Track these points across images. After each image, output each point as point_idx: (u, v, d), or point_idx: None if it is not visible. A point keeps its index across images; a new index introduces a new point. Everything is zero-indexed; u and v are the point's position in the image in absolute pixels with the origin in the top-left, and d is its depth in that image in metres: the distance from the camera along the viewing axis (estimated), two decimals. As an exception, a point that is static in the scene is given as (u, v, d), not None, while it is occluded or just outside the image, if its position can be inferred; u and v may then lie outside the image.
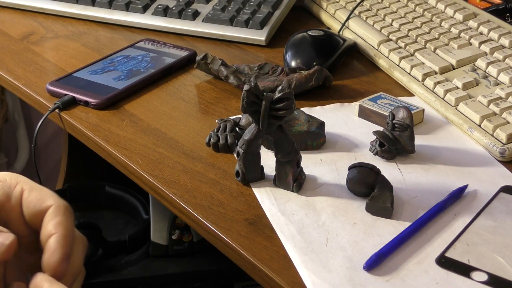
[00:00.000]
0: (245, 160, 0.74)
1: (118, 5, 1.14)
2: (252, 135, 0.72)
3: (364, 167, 0.73)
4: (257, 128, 0.71)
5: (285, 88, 0.70)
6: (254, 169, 0.75)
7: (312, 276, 0.63)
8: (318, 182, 0.75)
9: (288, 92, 0.69)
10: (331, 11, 1.14)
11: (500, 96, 0.87)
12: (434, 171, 0.78)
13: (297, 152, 0.73)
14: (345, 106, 0.91)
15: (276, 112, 0.70)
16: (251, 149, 0.73)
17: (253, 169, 0.75)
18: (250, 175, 0.75)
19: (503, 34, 0.99)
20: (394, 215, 0.70)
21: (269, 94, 0.70)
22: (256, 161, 0.75)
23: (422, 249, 0.66)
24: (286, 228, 0.69)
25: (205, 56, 0.96)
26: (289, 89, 0.70)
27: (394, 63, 0.98)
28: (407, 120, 0.80)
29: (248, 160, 0.74)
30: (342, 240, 0.67)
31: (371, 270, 0.63)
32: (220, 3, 1.13)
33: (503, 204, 0.72)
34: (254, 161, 0.75)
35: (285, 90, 0.69)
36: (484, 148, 0.82)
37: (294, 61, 0.99)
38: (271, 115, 0.70)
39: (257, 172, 0.75)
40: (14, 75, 0.99)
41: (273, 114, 0.70)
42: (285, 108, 0.69)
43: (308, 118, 0.81)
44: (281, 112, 0.69)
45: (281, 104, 0.69)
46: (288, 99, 0.69)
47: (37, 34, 1.11)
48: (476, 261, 0.64)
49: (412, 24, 1.05)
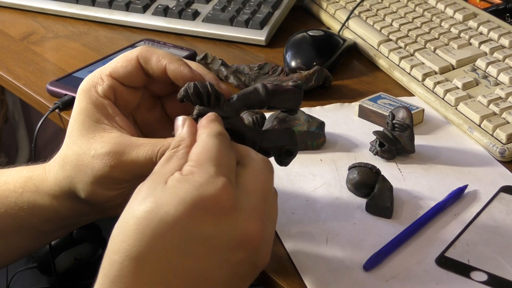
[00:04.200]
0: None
1: (118, 5, 1.14)
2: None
3: (364, 167, 0.73)
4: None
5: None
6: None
7: (312, 276, 0.63)
8: (318, 182, 0.75)
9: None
10: (331, 11, 1.14)
11: (500, 96, 0.87)
12: (434, 171, 0.78)
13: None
14: (345, 106, 0.91)
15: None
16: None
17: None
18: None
19: (503, 34, 0.99)
20: (394, 215, 0.70)
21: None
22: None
23: (422, 249, 0.66)
24: (286, 227, 0.69)
25: (205, 56, 0.96)
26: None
27: (394, 63, 0.98)
28: (407, 120, 0.80)
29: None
30: (342, 240, 0.67)
31: (371, 270, 0.63)
32: (220, 3, 1.13)
33: (503, 204, 0.72)
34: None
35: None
36: (484, 148, 0.82)
37: (294, 61, 0.99)
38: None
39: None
40: (14, 75, 0.99)
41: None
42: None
43: (308, 118, 0.81)
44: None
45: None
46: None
47: (37, 34, 1.11)
48: (476, 261, 0.64)
49: (412, 24, 1.05)
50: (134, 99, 0.65)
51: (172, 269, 0.49)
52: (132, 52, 0.63)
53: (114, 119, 0.62)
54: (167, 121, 0.67)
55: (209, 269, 0.51)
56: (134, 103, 0.65)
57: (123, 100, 0.64)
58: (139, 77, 0.63)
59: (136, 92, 0.65)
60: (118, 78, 0.63)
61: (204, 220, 0.50)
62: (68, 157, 0.61)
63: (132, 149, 0.58)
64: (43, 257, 1.41)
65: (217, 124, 0.56)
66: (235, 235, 0.51)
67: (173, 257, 0.49)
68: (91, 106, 0.61)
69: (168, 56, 0.62)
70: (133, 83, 0.64)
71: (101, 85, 0.62)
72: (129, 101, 0.64)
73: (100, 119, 0.61)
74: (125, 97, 0.64)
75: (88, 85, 0.63)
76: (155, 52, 0.63)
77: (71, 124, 0.62)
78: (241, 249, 0.51)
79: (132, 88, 0.64)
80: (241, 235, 0.51)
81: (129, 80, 0.63)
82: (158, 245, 0.49)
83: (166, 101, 0.67)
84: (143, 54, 0.63)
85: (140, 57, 0.63)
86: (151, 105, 0.67)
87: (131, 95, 0.64)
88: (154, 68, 0.62)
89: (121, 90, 0.63)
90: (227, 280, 0.52)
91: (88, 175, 0.60)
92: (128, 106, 0.65)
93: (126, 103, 0.64)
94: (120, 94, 0.63)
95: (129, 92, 0.64)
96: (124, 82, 0.63)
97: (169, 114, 0.67)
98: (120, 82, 0.63)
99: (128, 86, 0.64)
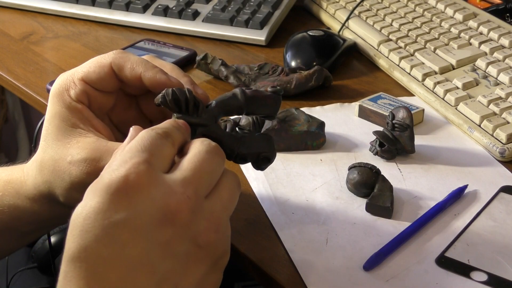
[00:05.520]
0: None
1: (118, 5, 1.14)
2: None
3: (364, 167, 0.73)
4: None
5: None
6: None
7: (312, 276, 0.63)
8: (318, 182, 0.75)
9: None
10: (331, 11, 1.14)
11: (500, 96, 0.87)
12: (434, 171, 0.78)
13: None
14: (345, 106, 0.91)
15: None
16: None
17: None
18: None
19: (503, 34, 0.99)
20: (394, 215, 0.70)
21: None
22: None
23: (422, 249, 0.66)
24: (286, 227, 0.69)
25: (205, 56, 0.96)
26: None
27: (394, 63, 0.98)
28: (407, 120, 0.80)
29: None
30: (342, 240, 0.67)
31: (371, 270, 0.63)
32: (220, 3, 1.13)
33: (503, 204, 0.72)
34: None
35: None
36: (484, 148, 0.82)
37: (294, 61, 0.99)
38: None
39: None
40: (14, 75, 0.99)
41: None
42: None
43: (308, 118, 0.81)
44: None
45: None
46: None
47: (37, 34, 1.11)
48: (476, 261, 0.64)
49: (412, 24, 1.05)
50: (108, 101, 0.64)
51: (105, 262, 0.48)
52: (105, 58, 0.62)
53: (89, 123, 0.61)
54: (143, 120, 0.66)
55: (143, 255, 0.48)
56: (108, 105, 0.64)
57: (97, 103, 0.63)
58: (112, 83, 0.62)
59: (110, 95, 0.64)
60: (90, 83, 0.62)
61: (119, 204, 0.48)
62: (45, 162, 0.61)
63: (108, 155, 0.57)
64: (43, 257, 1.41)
65: (167, 123, 0.55)
66: (154, 211, 0.49)
67: (103, 249, 0.48)
68: (65, 110, 0.61)
69: (143, 63, 0.61)
70: (106, 88, 0.63)
71: (73, 89, 0.61)
72: (103, 104, 0.64)
73: (76, 123, 0.60)
74: (99, 100, 0.63)
75: (61, 88, 0.62)
76: (129, 59, 0.61)
77: (46, 128, 0.61)
78: (167, 225, 0.49)
79: (105, 92, 0.63)
80: (162, 210, 0.49)
81: (101, 85, 0.62)
82: (86, 241, 0.48)
83: (141, 101, 0.66)
84: (116, 61, 0.61)
85: (114, 64, 0.61)
86: (126, 104, 0.66)
87: (105, 98, 0.63)
88: (128, 76, 0.61)
89: (94, 94, 0.62)
90: (172, 265, 0.50)
91: (65, 181, 0.59)
92: (102, 108, 0.64)
93: (101, 106, 0.63)
94: (94, 98, 0.62)
95: (102, 95, 0.63)
96: (96, 87, 0.62)
97: (145, 113, 0.66)
98: (92, 87, 0.62)
99: (101, 91, 0.63)
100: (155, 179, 0.49)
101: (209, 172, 0.52)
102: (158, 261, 0.49)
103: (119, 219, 0.48)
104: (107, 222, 0.48)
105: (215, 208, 0.52)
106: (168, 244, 0.49)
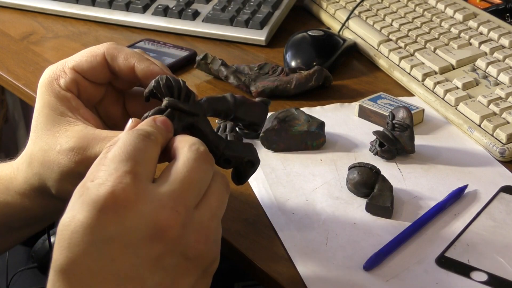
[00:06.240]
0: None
1: (118, 5, 1.14)
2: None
3: (364, 167, 0.73)
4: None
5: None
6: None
7: (312, 276, 0.63)
8: (318, 182, 0.75)
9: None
10: (331, 11, 1.14)
11: (500, 96, 0.87)
12: (434, 171, 0.78)
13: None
14: (345, 106, 0.91)
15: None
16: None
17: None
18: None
19: (503, 34, 0.99)
20: (394, 215, 0.70)
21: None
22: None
23: (422, 249, 0.66)
24: (286, 227, 0.69)
25: (205, 56, 0.96)
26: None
27: (394, 63, 0.98)
28: (407, 120, 0.80)
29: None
30: (342, 240, 0.67)
31: (371, 270, 0.63)
32: (220, 3, 1.13)
33: (503, 204, 0.72)
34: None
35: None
36: (484, 148, 0.82)
37: (294, 61, 0.99)
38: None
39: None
40: (14, 75, 0.99)
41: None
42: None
43: (308, 118, 0.81)
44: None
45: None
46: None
47: (37, 34, 1.11)
48: (476, 261, 0.64)
49: (412, 24, 1.05)
50: (97, 93, 0.64)
51: (93, 275, 0.48)
52: (99, 48, 0.62)
53: (78, 111, 0.60)
54: (128, 118, 0.66)
55: (132, 269, 0.48)
56: (97, 97, 0.64)
57: (86, 93, 0.63)
58: (103, 74, 0.62)
59: (99, 87, 0.64)
60: (81, 72, 0.62)
61: (107, 220, 0.48)
62: (34, 154, 0.60)
63: (96, 143, 0.57)
64: (43, 257, 1.41)
65: (146, 123, 0.54)
66: (144, 228, 0.48)
67: (92, 264, 0.47)
68: (54, 99, 0.60)
69: (136, 55, 0.61)
70: (97, 79, 0.63)
71: (63, 78, 0.61)
72: (92, 95, 0.63)
73: (64, 112, 0.60)
74: (88, 91, 0.63)
75: (50, 78, 0.62)
76: (122, 50, 0.62)
77: (35, 118, 0.61)
78: (157, 241, 0.48)
79: (95, 83, 0.63)
80: (151, 227, 0.48)
81: (92, 75, 0.62)
82: (74, 254, 0.47)
83: (128, 99, 0.66)
84: (110, 51, 0.62)
85: (107, 53, 0.62)
86: (114, 99, 0.66)
87: (94, 90, 0.63)
88: (121, 66, 0.61)
89: (84, 84, 0.62)
90: (162, 278, 0.49)
91: (55, 172, 0.59)
92: (91, 99, 0.63)
93: (90, 97, 0.63)
94: (84, 88, 0.62)
95: (92, 86, 0.63)
96: (87, 77, 0.62)
97: (130, 112, 0.66)
98: (83, 77, 0.62)
99: (91, 81, 0.63)
100: (142, 192, 0.49)
101: (198, 181, 0.52)
102: (147, 275, 0.49)
103: (108, 235, 0.48)
104: (96, 238, 0.47)
105: (204, 218, 0.51)
106: (158, 259, 0.49)
